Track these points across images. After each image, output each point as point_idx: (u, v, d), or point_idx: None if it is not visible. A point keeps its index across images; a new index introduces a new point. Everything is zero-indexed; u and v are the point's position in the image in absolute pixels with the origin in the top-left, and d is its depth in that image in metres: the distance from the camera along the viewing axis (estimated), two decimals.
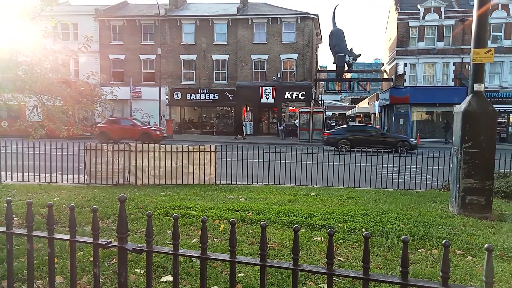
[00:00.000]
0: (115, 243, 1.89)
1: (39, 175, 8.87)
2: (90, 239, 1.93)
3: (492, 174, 6.32)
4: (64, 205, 6.12)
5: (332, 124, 36.50)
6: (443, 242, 1.50)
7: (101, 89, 8.20)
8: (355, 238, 4.71)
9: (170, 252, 1.83)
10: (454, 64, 29.73)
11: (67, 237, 1.97)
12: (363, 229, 5.02)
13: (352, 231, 4.98)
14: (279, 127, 29.34)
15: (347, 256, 4.17)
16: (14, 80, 6.36)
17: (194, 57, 32.59)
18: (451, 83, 29.84)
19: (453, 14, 29.61)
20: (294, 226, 1.65)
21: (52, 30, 6.52)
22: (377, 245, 4.48)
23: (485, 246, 1.47)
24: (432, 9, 29.75)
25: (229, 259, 1.75)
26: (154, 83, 31.80)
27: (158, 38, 30.39)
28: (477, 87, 6.32)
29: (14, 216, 4.42)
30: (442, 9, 29.63)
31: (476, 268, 3.84)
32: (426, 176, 10.58)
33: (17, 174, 8.88)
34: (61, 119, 7.02)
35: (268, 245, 2.75)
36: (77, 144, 9.36)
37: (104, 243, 1.90)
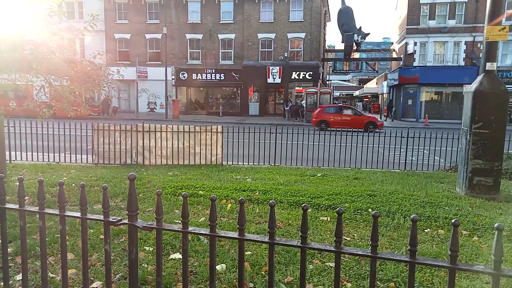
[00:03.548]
0: (125, 221, 1.92)
1: (48, 155, 8.98)
2: (101, 217, 1.96)
3: (501, 155, 6.26)
4: (73, 184, 6.21)
5: (339, 105, 36.11)
6: (452, 221, 1.49)
7: (107, 69, 8.17)
8: (361, 218, 4.73)
9: (179, 229, 1.85)
10: (466, 43, 29.04)
11: (78, 214, 2.00)
12: (370, 209, 5.04)
13: (359, 211, 5.00)
14: (286, 108, 29.15)
15: (353, 235, 4.20)
16: (21, 60, 6.35)
17: (200, 36, 32.20)
18: (462, 63, 29.24)
19: None
20: (302, 205, 1.66)
21: (57, 8, 6.45)
22: (383, 225, 4.50)
23: (495, 225, 1.46)
24: None
25: (238, 236, 1.77)
26: (160, 63, 31.59)
27: (164, 17, 29.97)
28: (489, 66, 6.18)
29: (25, 192, 4.51)
30: None
31: (482, 248, 3.85)
32: (434, 157, 10.52)
33: (26, 154, 9.00)
34: (69, 99, 7.03)
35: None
36: (85, 124, 9.41)
37: (114, 220, 1.92)
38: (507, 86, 7.67)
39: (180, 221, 3.41)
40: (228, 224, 4.38)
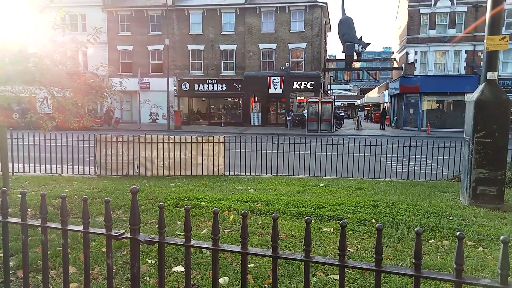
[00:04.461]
0: (128, 235, 1.91)
1: (50, 167, 9.00)
2: (103, 231, 1.95)
3: (504, 164, 6.22)
4: (75, 196, 6.20)
5: (341, 114, 36.17)
6: (457, 233, 1.48)
7: (110, 81, 8.22)
8: (365, 229, 4.69)
9: (182, 243, 1.84)
10: (466, 52, 29.16)
11: (81, 228, 1.99)
12: (373, 220, 5.00)
13: (362, 222, 4.96)
14: (288, 118, 29.21)
15: (357, 247, 4.16)
16: (24, 72, 6.42)
17: (202, 47, 32.48)
18: (463, 72, 29.31)
19: (465, 0, 28.92)
20: (306, 218, 1.65)
21: (60, 21, 6.53)
22: (387, 236, 4.46)
23: (501, 238, 1.44)
24: None
25: (241, 250, 1.76)
26: (162, 74, 31.83)
27: (166, 29, 30.31)
28: (490, 75, 6.19)
29: (27, 205, 4.50)
30: None
31: (487, 259, 3.81)
32: (437, 166, 10.48)
33: (29, 166, 9.02)
34: (71, 111, 7.07)
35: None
36: (87, 135, 9.44)
37: (117, 234, 1.92)
38: (508, 94, 7.69)
39: (182, 233, 3.38)
40: (230, 236, 4.35)
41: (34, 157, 9.04)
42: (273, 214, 1.70)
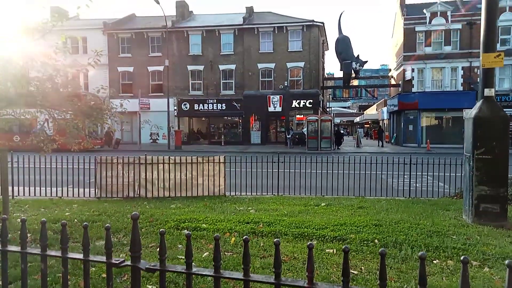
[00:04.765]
0: (128, 262, 1.89)
1: (51, 189, 8.96)
2: (103, 258, 1.93)
3: (506, 180, 6.20)
4: (75, 220, 6.15)
5: (341, 132, 36.29)
6: (461, 258, 1.46)
7: (110, 103, 8.28)
8: (368, 250, 4.64)
9: (183, 271, 1.82)
10: (463, 68, 29.51)
11: (81, 256, 1.97)
12: (376, 240, 4.95)
13: (365, 242, 4.91)
14: (287, 136, 29.30)
15: (361, 269, 4.10)
16: (26, 95, 6.48)
17: (201, 67, 32.88)
18: (460, 88, 29.58)
19: (460, 18, 29.48)
20: (308, 244, 1.63)
21: (62, 45, 6.64)
22: (391, 256, 4.40)
23: (506, 262, 1.43)
24: (439, 13, 29.66)
25: (243, 277, 1.73)
26: (162, 94, 32.10)
27: (166, 50, 30.74)
28: (487, 92, 6.25)
29: (27, 231, 4.46)
30: (449, 13, 29.53)
31: (494, 280, 3.75)
32: (438, 183, 10.43)
33: (29, 189, 8.98)
34: (72, 133, 7.10)
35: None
36: (87, 157, 9.45)
37: (117, 262, 1.89)
38: (506, 109, 7.75)
39: (183, 257, 3.32)
40: (232, 259, 4.29)
41: (34, 179, 9.02)
42: (275, 240, 1.69)
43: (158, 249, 1.91)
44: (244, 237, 1.72)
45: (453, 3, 31.88)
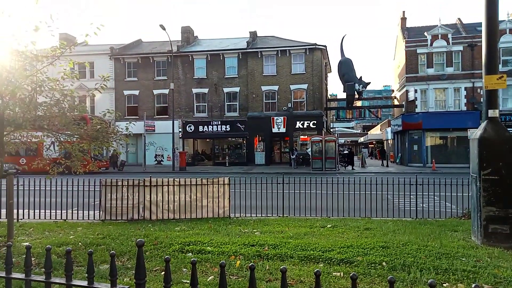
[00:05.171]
0: None
1: (55, 212, 8.95)
2: (108, 285, 1.91)
3: None
4: (80, 243, 6.11)
5: (345, 152, 36.24)
6: (473, 286, 1.43)
7: (116, 126, 8.38)
8: (376, 273, 4.54)
9: None
10: (466, 88, 29.63)
11: (85, 283, 1.95)
12: (384, 263, 4.85)
13: (372, 265, 4.82)
14: (292, 156, 29.29)
15: None
16: (34, 120, 6.58)
17: (206, 90, 33.31)
18: (464, 108, 29.62)
19: (461, 40, 29.84)
20: (315, 271, 1.61)
21: (70, 71, 6.79)
22: (399, 280, 4.31)
23: None
24: (440, 36, 30.06)
25: None
26: (167, 116, 32.44)
27: (171, 73, 31.29)
28: (491, 113, 6.25)
29: (31, 256, 4.44)
30: (450, 36, 29.91)
31: None
32: (445, 204, 10.30)
33: (34, 212, 8.98)
34: (78, 156, 7.16)
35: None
36: (92, 179, 9.47)
37: None
38: (510, 129, 7.72)
39: (188, 281, 3.28)
40: (237, 283, 4.23)
41: (40, 202, 9.03)
42: (281, 267, 1.67)
43: (163, 273, 1.89)
44: (250, 264, 1.71)
45: (454, 26, 32.38)
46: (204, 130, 32.83)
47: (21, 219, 8.77)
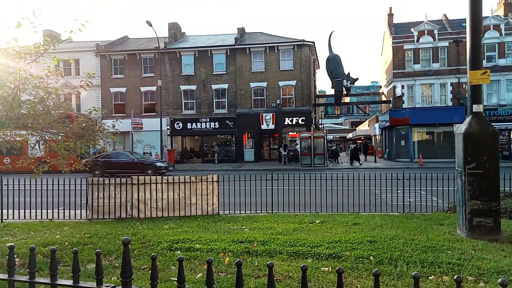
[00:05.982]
0: None
1: (41, 212, 8.80)
2: (94, 284, 1.89)
3: (498, 194, 6.24)
4: (66, 243, 6.03)
5: (333, 148, 36.46)
6: (455, 277, 1.46)
7: (103, 124, 8.26)
8: (363, 267, 4.60)
9: None
10: (451, 84, 30.07)
11: (70, 282, 1.93)
12: (371, 257, 4.91)
13: (360, 259, 4.87)
14: (283, 153, 29.33)
15: (356, 286, 4.06)
16: (18, 118, 6.45)
17: (194, 87, 33.09)
18: (450, 103, 30.07)
19: (446, 36, 30.23)
20: (302, 266, 1.62)
21: (54, 68, 6.66)
22: (386, 273, 4.37)
23: (499, 280, 1.43)
24: (426, 32, 30.40)
25: None
26: (155, 114, 32.14)
27: (158, 70, 30.97)
28: (476, 108, 6.36)
29: (15, 256, 4.36)
30: (436, 32, 30.28)
31: None
32: (431, 198, 10.47)
33: (19, 212, 8.82)
34: (63, 155, 7.05)
35: (274, 277, 2.70)
36: (79, 178, 9.35)
37: None
38: (494, 124, 7.88)
39: (175, 279, 3.26)
40: (226, 280, 4.23)
41: (25, 202, 8.87)
42: (268, 263, 1.67)
43: (150, 272, 1.88)
44: (237, 260, 1.71)
45: (440, 22, 32.78)
46: (192, 127, 32.64)
47: (6, 219, 8.60)
